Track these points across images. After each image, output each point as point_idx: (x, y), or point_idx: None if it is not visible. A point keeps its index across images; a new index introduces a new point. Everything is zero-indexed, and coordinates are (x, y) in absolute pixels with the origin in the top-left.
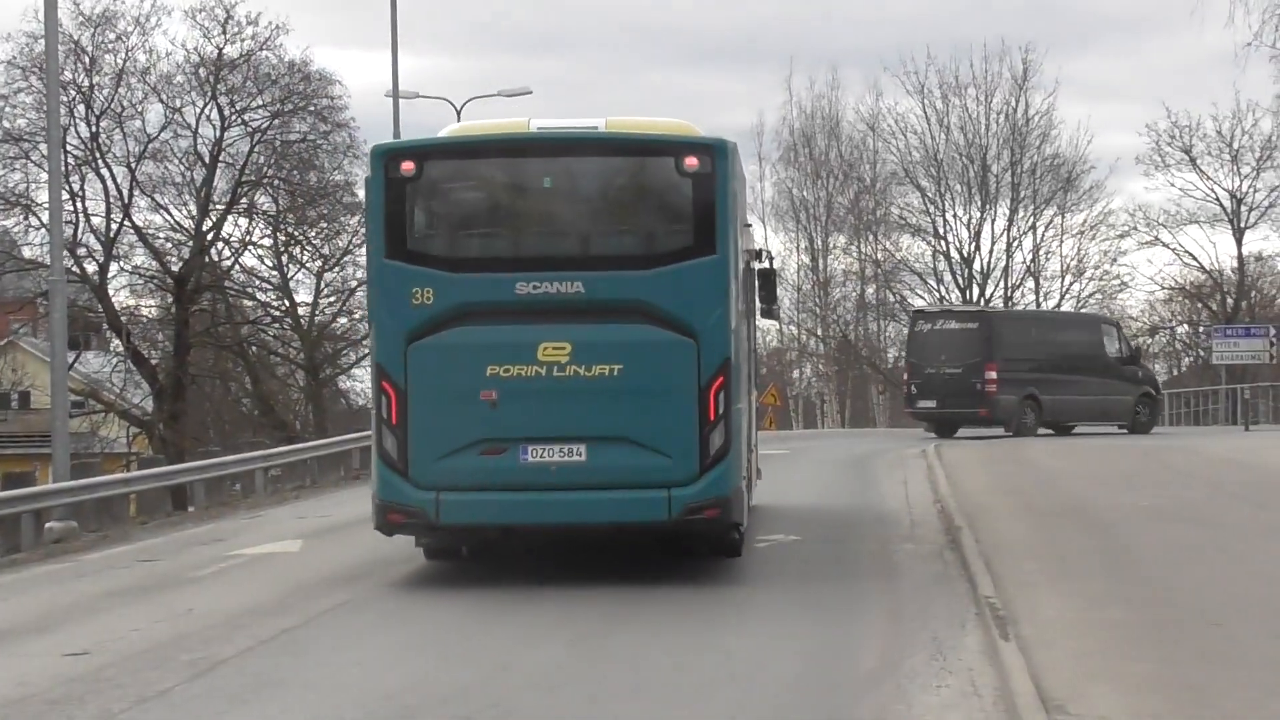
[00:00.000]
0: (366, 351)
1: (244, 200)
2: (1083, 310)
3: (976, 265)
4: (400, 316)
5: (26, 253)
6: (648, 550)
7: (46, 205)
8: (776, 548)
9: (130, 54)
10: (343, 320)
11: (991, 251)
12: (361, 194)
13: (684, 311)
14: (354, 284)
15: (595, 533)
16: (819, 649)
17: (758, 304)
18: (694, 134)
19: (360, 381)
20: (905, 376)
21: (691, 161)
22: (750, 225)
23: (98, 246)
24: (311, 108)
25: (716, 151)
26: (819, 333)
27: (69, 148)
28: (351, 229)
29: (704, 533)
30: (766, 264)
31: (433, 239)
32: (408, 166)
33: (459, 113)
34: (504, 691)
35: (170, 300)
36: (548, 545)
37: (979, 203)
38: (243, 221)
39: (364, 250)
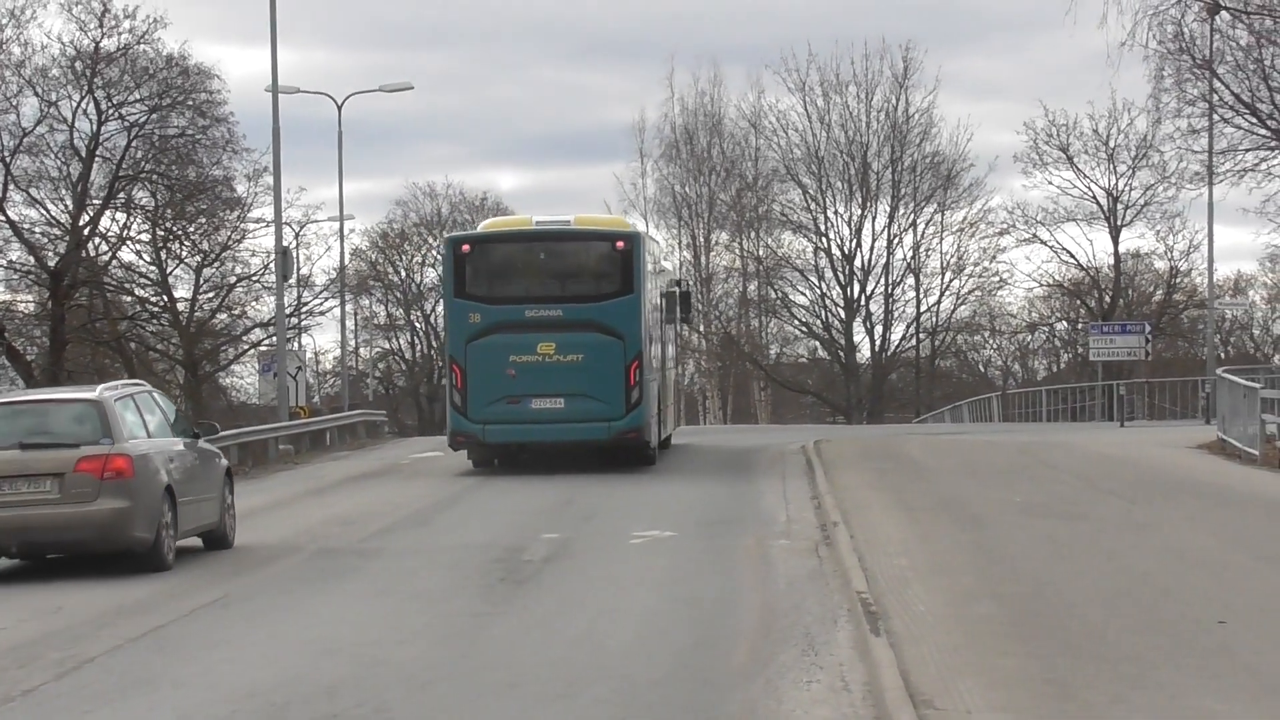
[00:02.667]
0: (248, 346)
1: (121, 195)
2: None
3: (857, 262)
4: (462, 329)
5: None
6: (521, 550)
7: None
8: (652, 544)
9: (4, 47)
10: (222, 316)
11: (872, 248)
12: (241, 189)
13: (615, 325)
14: (233, 279)
15: (568, 447)
16: (692, 645)
17: (677, 316)
18: (625, 227)
19: (242, 379)
20: None
21: (620, 244)
22: (665, 269)
23: None
24: (190, 102)
25: (633, 239)
26: (701, 329)
27: None
28: (231, 224)
29: (628, 445)
30: (680, 289)
31: (479, 286)
32: (465, 248)
33: (340, 107)
34: (374, 688)
35: (46, 296)
36: (415, 552)
37: (860, 200)
38: (120, 216)
39: (243, 244)
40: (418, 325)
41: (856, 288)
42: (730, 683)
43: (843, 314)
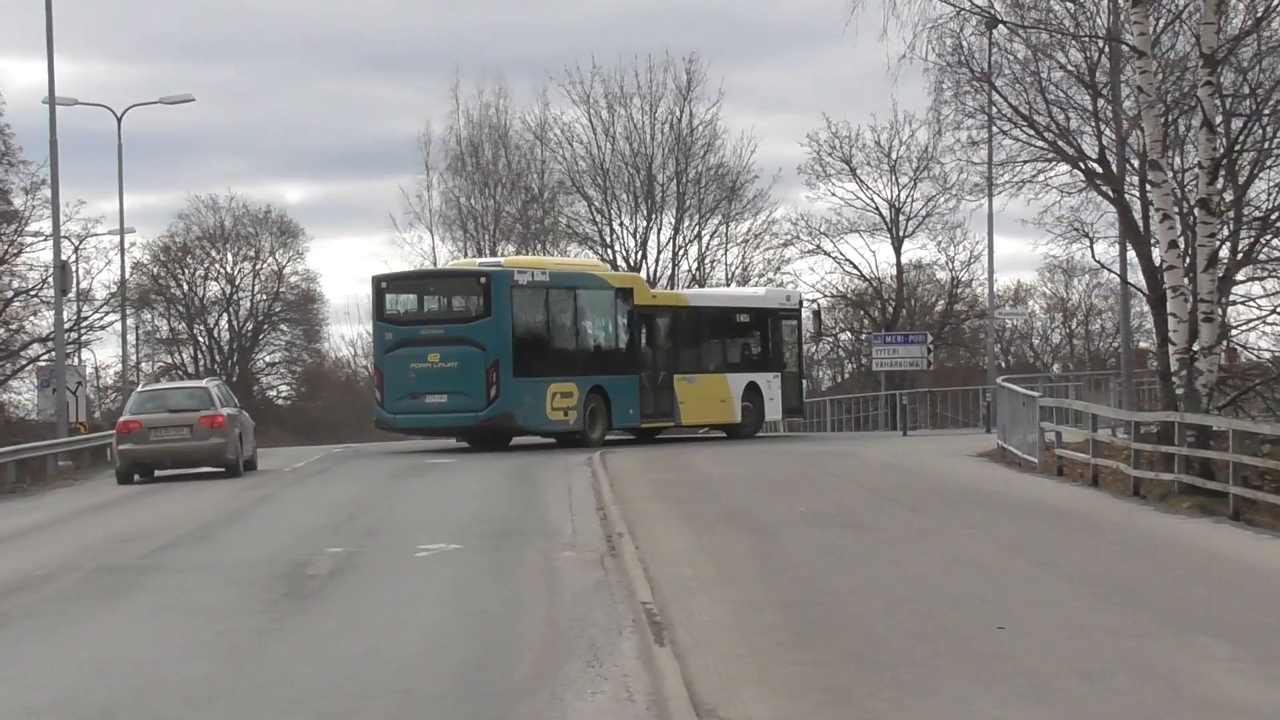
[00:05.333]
0: (25, 362)
1: None
2: None
3: (643, 274)
4: (381, 345)
5: None
6: (305, 565)
7: None
8: (437, 557)
9: None
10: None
11: (658, 260)
12: (18, 202)
13: (480, 339)
14: (9, 294)
15: (448, 431)
16: (476, 658)
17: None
18: (491, 270)
19: (19, 394)
20: None
21: (484, 280)
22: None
23: None
24: None
25: (495, 277)
26: None
27: None
28: (7, 238)
29: (489, 430)
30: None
31: (392, 312)
32: (384, 284)
33: (120, 120)
34: (153, 706)
35: None
36: (198, 568)
37: (645, 211)
38: None
39: (20, 258)
40: (201, 339)
41: None
42: (515, 695)
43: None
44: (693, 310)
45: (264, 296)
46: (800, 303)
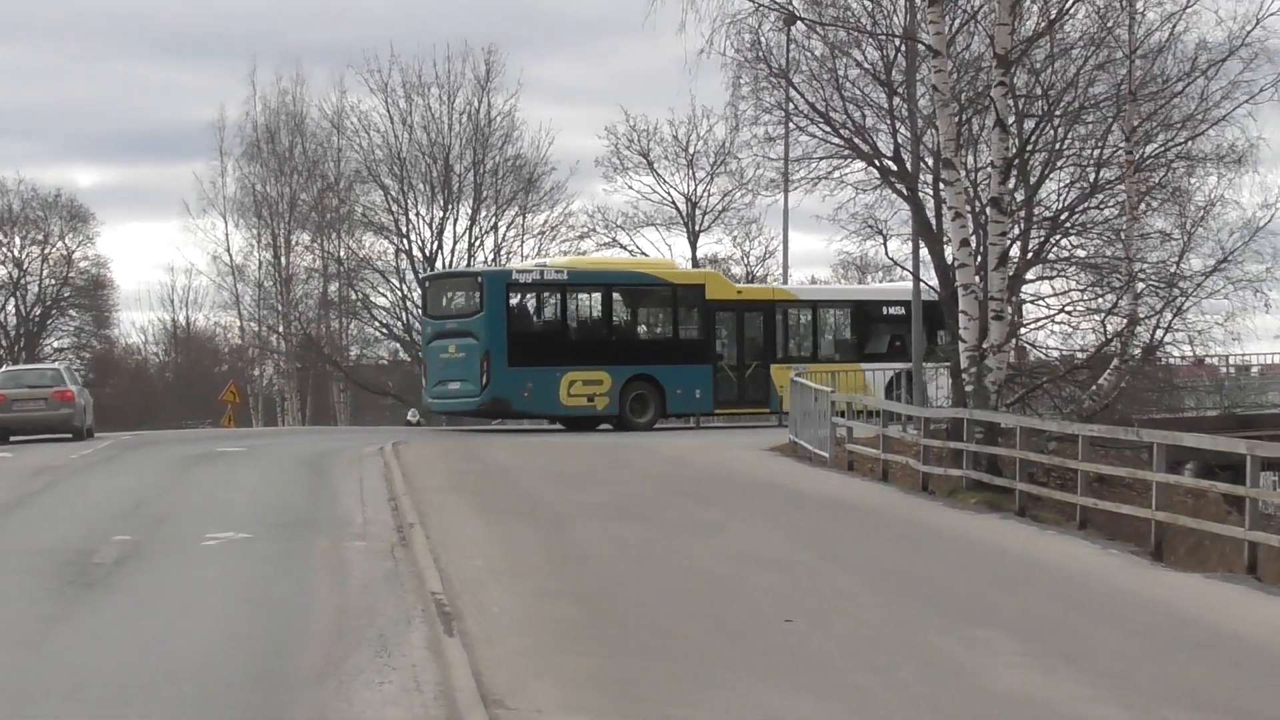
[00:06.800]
0: None
1: None
2: None
3: (439, 264)
4: (426, 337)
5: None
6: (91, 553)
7: None
8: (226, 546)
9: None
10: None
11: (454, 251)
12: None
13: (477, 332)
14: None
15: (460, 413)
16: (265, 648)
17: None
18: (484, 271)
19: None
20: None
21: (479, 280)
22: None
23: None
24: None
25: (488, 277)
26: (280, 330)
27: None
28: None
29: (486, 413)
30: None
31: (428, 308)
32: (426, 284)
33: None
34: None
35: None
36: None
37: (442, 202)
38: None
39: None
40: None
41: None
42: (302, 685)
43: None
44: (801, 303)
45: (52, 281)
46: None
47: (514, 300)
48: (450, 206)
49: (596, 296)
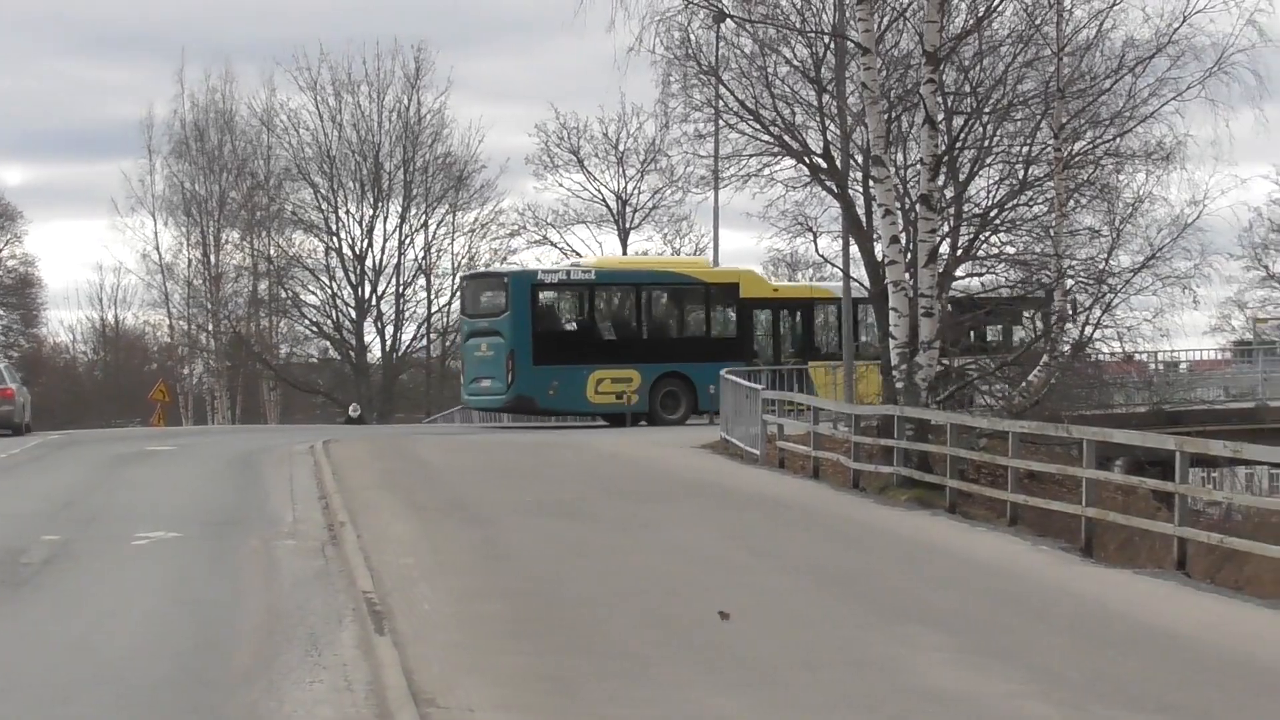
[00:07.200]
0: None
1: None
2: None
3: (369, 262)
4: (463, 335)
5: None
6: (20, 552)
7: None
8: (156, 545)
9: None
10: None
11: (384, 249)
12: None
13: (504, 331)
14: None
15: (490, 409)
16: (194, 648)
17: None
18: (510, 271)
19: None
20: None
21: (505, 281)
22: None
23: None
24: None
25: (513, 277)
26: (210, 328)
27: None
28: None
29: (512, 410)
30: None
31: (468, 310)
32: (464, 284)
33: None
34: None
35: None
36: None
37: (372, 200)
38: None
39: None
40: None
41: (368, 288)
42: (232, 684)
43: (354, 314)
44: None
45: None
46: None
47: (539, 300)
48: (380, 204)
49: (626, 295)
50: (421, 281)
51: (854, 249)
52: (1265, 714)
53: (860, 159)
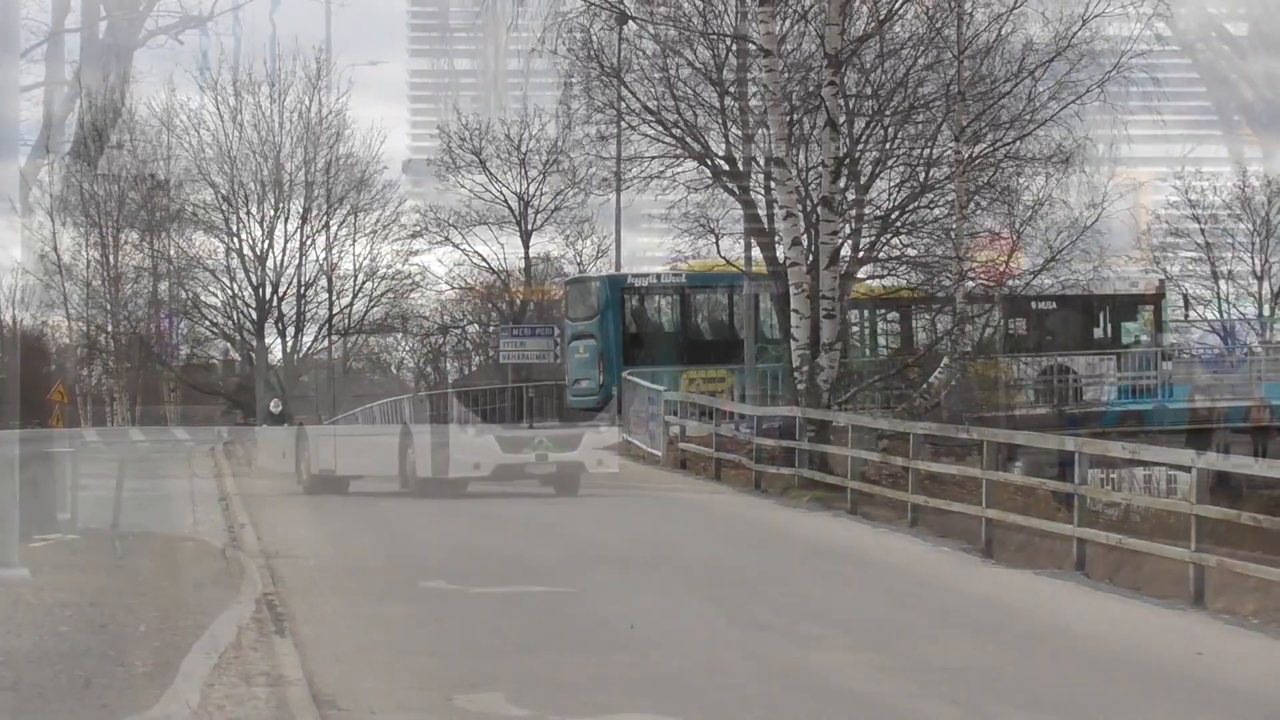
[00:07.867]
0: None
1: None
2: None
3: (270, 263)
4: (566, 338)
5: None
6: None
7: None
8: (54, 548)
9: None
10: None
11: (285, 249)
12: None
13: (595, 334)
14: None
15: (587, 408)
16: (94, 649)
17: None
18: (602, 276)
19: None
20: None
21: (597, 286)
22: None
23: None
24: None
25: (604, 282)
26: (109, 329)
27: None
28: None
29: (600, 405)
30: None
31: (571, 314)
32: (566, 288)
33: None
34: None
35: None
36: None
37: (273, 200)
38: None
39: None
40: None
41: (269, 289)
42: (133, 688)
43: (254, 315)
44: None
45: None
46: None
47: (630, 303)
48: (281, 205)
49: (718, 297)
50: (323, 283)
51: (756, 251)
52: (1162, 712)
53: (762, 161)
